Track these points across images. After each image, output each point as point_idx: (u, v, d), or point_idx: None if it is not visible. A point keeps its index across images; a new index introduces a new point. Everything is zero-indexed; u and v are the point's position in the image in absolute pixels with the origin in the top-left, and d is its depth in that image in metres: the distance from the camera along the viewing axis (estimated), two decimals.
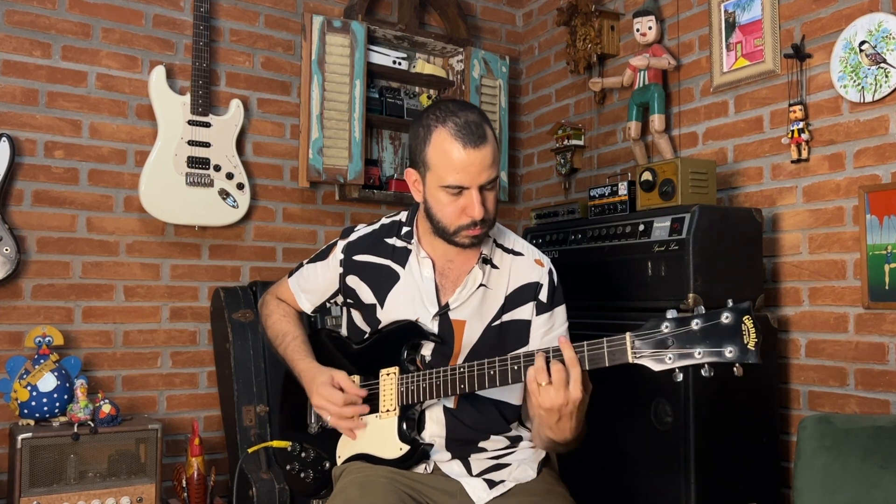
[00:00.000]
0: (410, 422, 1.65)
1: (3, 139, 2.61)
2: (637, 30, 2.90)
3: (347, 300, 1.80)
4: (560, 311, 1.75)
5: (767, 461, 2.35)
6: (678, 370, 1.32)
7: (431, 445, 1.65)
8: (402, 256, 1.73)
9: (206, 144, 2.90)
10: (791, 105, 2.46)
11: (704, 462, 2.16)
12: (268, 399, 2.76)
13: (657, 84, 2.86)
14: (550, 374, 1.41)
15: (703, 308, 1.32)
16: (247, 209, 3.02)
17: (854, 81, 2.31)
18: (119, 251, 2.86)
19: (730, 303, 1.30)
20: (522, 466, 1.69)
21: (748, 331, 1.26)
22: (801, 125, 2.44)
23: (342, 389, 1.66)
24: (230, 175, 2.96)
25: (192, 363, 2.98)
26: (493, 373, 1.50)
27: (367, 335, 1.75)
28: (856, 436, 1.82)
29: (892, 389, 2.22)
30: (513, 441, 1.71)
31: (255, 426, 2.72)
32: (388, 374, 1.66)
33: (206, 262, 3.03)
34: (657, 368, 1.33)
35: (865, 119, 2.31)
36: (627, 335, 1.36)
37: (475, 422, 1.67)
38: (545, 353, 1.44)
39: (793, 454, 2.32)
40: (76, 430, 2.42)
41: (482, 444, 1.69)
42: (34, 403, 2.48)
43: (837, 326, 2.37)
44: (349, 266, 1.77)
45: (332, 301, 1.85)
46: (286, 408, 1.92)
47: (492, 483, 1.64)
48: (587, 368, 1.40)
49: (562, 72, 3.53)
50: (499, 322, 1.70)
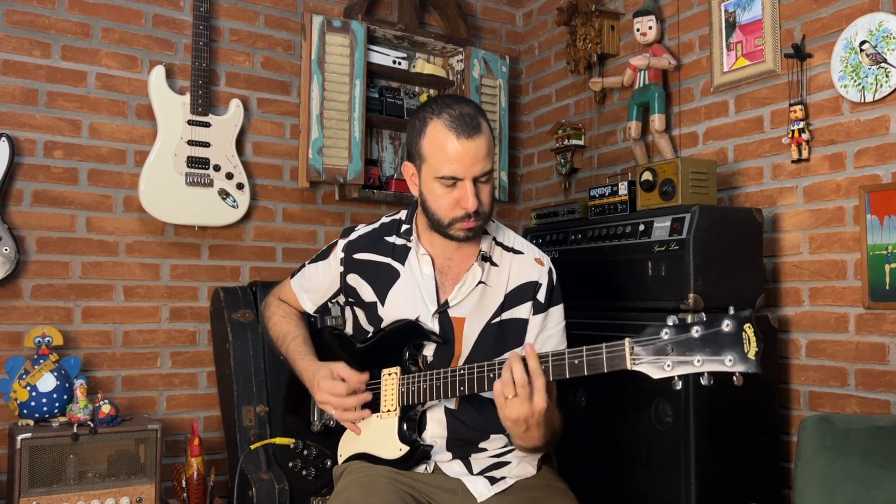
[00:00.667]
0: (411, 422, 1.65)
1: (3, 139, 2.61)
2: (637, 29, 2.90)
3: (349, 299, 1.80)
4: (555, 312, 1.75)
5: (768, 461, 2.35)
6: (677, 378, 1.31)
7: (431, 447, 1.65)
8: (402, 254, 1.74)
9: (206, 144, 2.90)
10: (791, 105, 2.46)
11: (705, 462, 2.16)
12: (268, 399, 2.76)
13: (657, 84, 2.86)
14: (516, 386, 1.40)
15: (704, 314, 1.29)
16: (246, 209, 3.01)
17: (854, 81, 2.31)
18: (119, 251, 2.86)
19: (731, 310, 1.28)
20: (522, 464, 1.70)
21: (749, 339, 1.24)
22: (802, 125, 2.43)
23: (343, 380, 1.66)
24: (230, 175, 2.95)
25: (192, 363, 2.98)
26: (493, 375, 1.50)
27: (370, 334, 1.75)
28: (856, 436, 1.82)
29: (893, 390, 2.22)
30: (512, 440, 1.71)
31: (255, 426, 2.71)
32: (390, 374, 1.66)
33: (206, 262, 3.03)
34: (656, 376, 1.31)
35: (866, 119, 2.31)
36: (626, 341, 1.34)
37: (476, 422, 1.67)
38: (510, 364, 1.43)
39: (793, 454, 2.32)
40: (76, 431, 2.41)
41: (483, 445, 1.69)
42: (34, 404, 2.48)
43: (838, 326, 2.37)
44: (350, 265, 1.77)
45: (334, 301, 1.85)
46: (290, 406, 1.92)
47: (492, 480, 1.65)
48: (585, 374, 1.39)
49: (562, 71, 3.52)
50: (498, 320, 1.70)
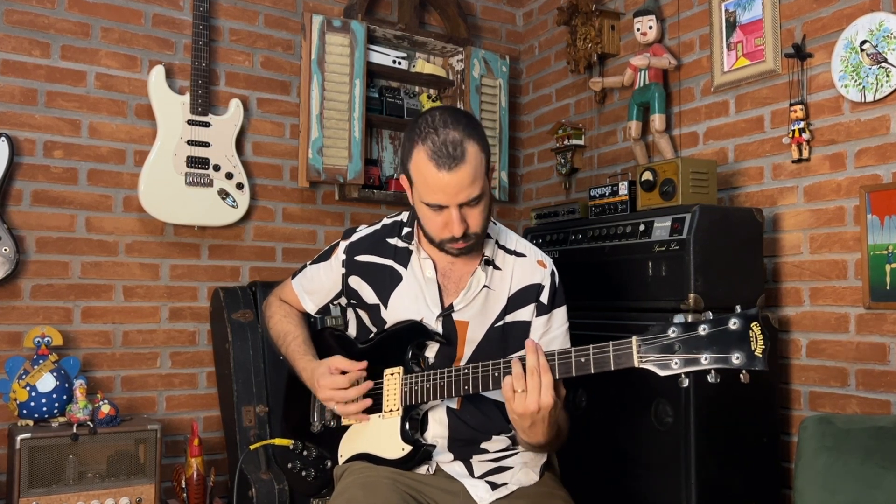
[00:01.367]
0: (413, 422, 1.65)
1: (2, 139, 2.61)
2: (637, 29, 2.89)
3: (351, 301, 1.79)
4: (559, 313, 1.75)
5: (768, 461, 2.35)
6: (684, 376, 1.31)
7: (434, 447, 1.65)
8: (405, 257, 1.73)
9: (206, 144, 2.90)
10: (792, 105, 2.46)
11: (705, 462, 2.15)
12: (267, 399, 2.76)
13: (658, 84, 2.86)
14: (526, 381, 1.42)
15: (711, 313, 1.30)
16: (246, 209, 3.01)
17: (855, 81, 2.31)
18: (118, 251, 2.86)
19: (738, 308, 1.29)
20: (524, 470, 1.69)
21: (756, 337, 1.25)
22: (802, 125, 2.43)
23: (343, 372, 1.65)
24: (230, 175, 2.95)
25: (192, 363, 2.98)
26: (498, 374, 1.50)
27: (373, 335, 1.75)
28: (856, 436, 1.82)
29: (893, 390, 2.22)
30: (514, 441, 1.71)
31: (255, 426, 2.71)
32: (392, 374, 1.66)
33: (206, 262, 3.02)
34: (663, 373, 1.32)
35: (866, 119, 2.31)
36: (634, 339, 1.34)
37: (478, 422, 1.67)
38: (521, 361, 1.45)
39: (793, 454, 2.32)
40: (75, 431, 2.41)
41: (484, 445, 1.68)
42: (33, 404, 2.47)
43: (838, 327, 2.37)
44: (351, 267, 1.77)
45: (336, 302, 1.84)
46: (289, 406, 1.92)
47: (494, 485, 1.64)
48: (592, 372, 1.39)
49: (562, 71, 3.52)
50: (501, 323, 1.70)
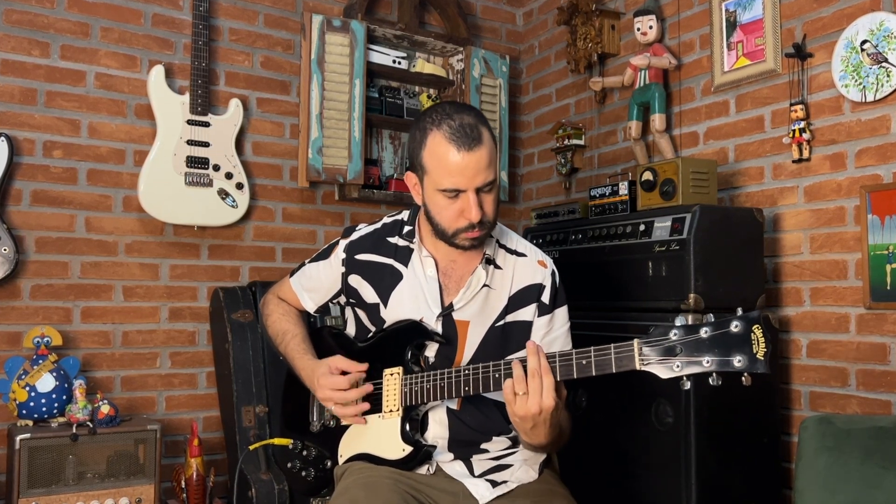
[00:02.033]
0: (413, 423, 1.64)
1: (2, 139, 2.60)
2: (638, 29, 2.89)
3: (350, 300, 1.79)
4: (560, 313, 1.75)
5: (768, 462, 2.35)
6: (686, 378, 1.31)
7: (434, 447, 1.65)
8: (405, 255, 1.73)
9: (206, 144, 2.90)
10: (792, 105, 2.46)
11: (705, 463, 2.15)
12: (267, 399, 2.75)
13: (658, 83, 2.85)
14: (527, 383, 1.41)
15: (713, 315, 1.30)
16: (246, 209, 3.01)
17: (855, 81, 2.30)
18: (118, 251, 2.86)
19: (739, 311, 1.29)
20: (524, 467, 1.69)
21: (757, 340, 1.25)
22: (803, 125, 2.43)
23: (343, 373, 1.65)
24: (229, 175, 2.95)
25: (192, 363, 2.98)
26: (498, 376, 1.49)
27: (371, 334, 1.74)
28: (857, 436, 1.82)
29: (894, 390, 2.22)
30: (514, 441, 1.71)
31: (255, 427, 2.71)
32: (392, 374, 1.65)
33: (206, 262, 3.02)
34: (665, 376, 1.31)
35: (867, 119, 2.30)
36: (635, 341, 1.34)
37: (478, 423, 1.67)
38: (522, 363, 1.44)
39: (794, 455, 2.31)
40: (75, 431, 2.41)
41: (484, 446, 1.68)
42: (33, 404, 2.47)
43: (839, 327, 2.36)
44: (351, 265, 1.76)
45: (335, 301, 1.84)
46: (288, 406, 1.92)
47: (494, 483, 1.64)
48: (594, 374, 1.39)
49: (562, 71, 3.52)
50: (502, 323, 1.69)
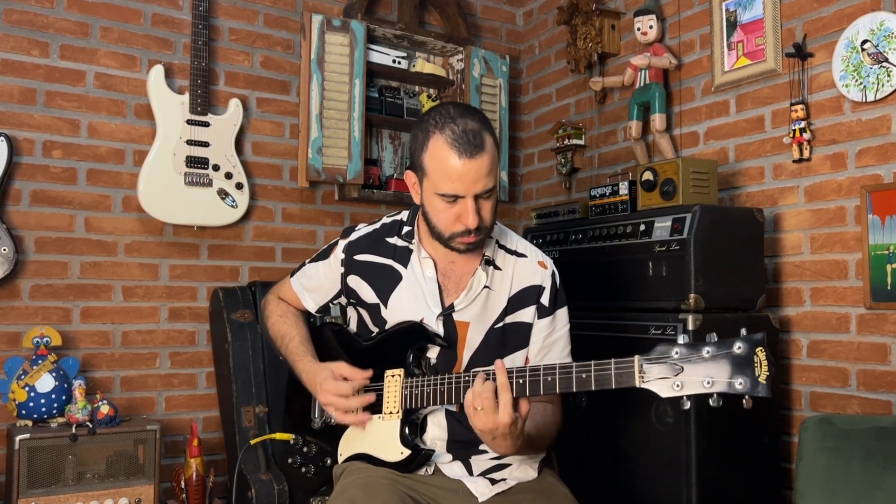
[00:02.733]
0: (413, 426, 1.64)
1: (1, 138, 2.60)
2: (638, 29, 2.89)
3: (350, 300, 1.79)
4: (561, 314, 1.75)
5: (768, 462, 2.34)
6: (686, 398, 1.30)
7: (433, 451, 1.64)
8: (404, 256, 1.73)
9: (205, 144, 2.89)
10: (792, 104, 2.45)
11: (705, 463, 2.15)
12: (267, 399, 2.75)
13: (658, 83, 2.85)
14: (482, 399, 1.41)
15: (717, 335, 1.28)
16: (246, 209, 3.01)
17: (856, 81, 2.30)
18: (117, 251, 2.85)
19: (743, 331, 1.27)
20: (523, 466, 1.69)
21: (760, 363, 1.23)
22: (803, 125, 2.43)
23: (346, 379, 1.65)
24: (229, 175, 2.95)
25: (191, 364, 2.97)
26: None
27: (374, 334, 1.74)
28: (857, 437, 1.82)
29: (894, 390, 2.21)
30: None
31: (255, 427, 2.71)
32: (393, 376, 1.65)
33: (205, 262, 3.02)
34: (665, 395, 1.30)
35: (867, 118, 2.30)
36: (636, 358, 1.33)
37: None
38: (485, 376, 1.44)
39: (794, 455, 2.31)
40: (74, 431, 2.41)
41: (483, 447, 1.67)
42: (32, 404, 2.47)
43: (839, 327, 2.36)
44: (350, 266, 1.76)
45: (336, 302, 1.84)
46: (290, 403, 1.92)
47: (493, 481, 1.64)
48: (593, 389, 1.37)
49: (562, 71, 3.52)
50: (501, 324, 1.69)
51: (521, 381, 1.43)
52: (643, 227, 2.38)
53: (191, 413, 2.95)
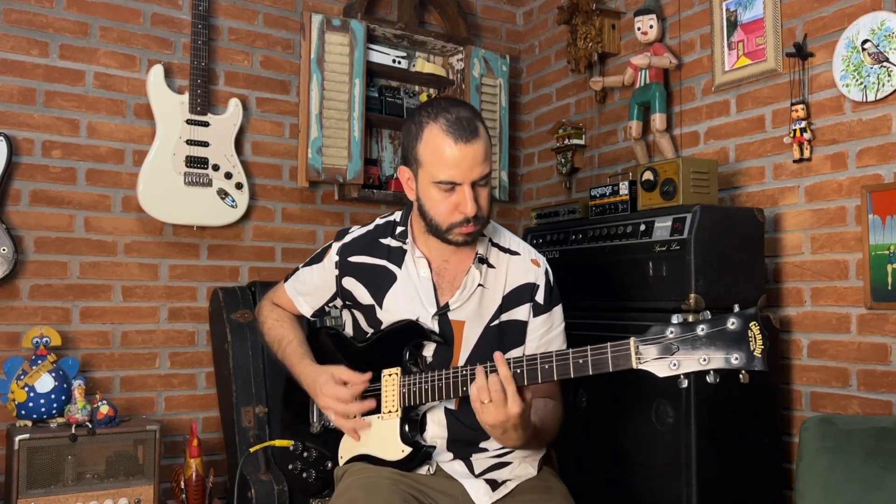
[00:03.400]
0: (413, 423, 1.64)
1: (1, 138, 2.60)
2: (638, 28, 2.89)
3: (346, 302, 1.79)
4: (558, 311, 1.75)
5: (769, 462, 2.34)
6: (683, 376, 1.31)
7: (433, 448, 1.64)
8: (398, 256, 1.73)
9: (205, 144, 2.89)
10: (793, 104, 2.45)
11: (705, 463, 2.15)
12: (267, 400, 2.75)
13: (658, 83, 2.85)
14: (490, 392, 1.41)
15: (710, 313, 1.29)
16: (245, 209, 3.00)
17: (856, 80, 2.30)
18: (117, 251, 2.85)
19: (736, 308, 1.28)
20: (523, 464, 1.69)
21: (755, 337, 1.24)
22: (804, 124, 2.42)
23: (346, 383, 1.65)
24: (229, 175, 2.94)
25: (191, 364, 2.97)
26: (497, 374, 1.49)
27: (369, 335, 1.74)
28: (858, 437, 1.81)
29: (895, 390, 2.21)
30: None
31: (255, 427, 2.70)
32: (391, 375, 1.65)
33: (205, 263, 3.01)
34: (662, 374, 1.31)
35: (868, 118, 2.30)
36: (631, 340, 1.33)
37: (476, 423, 1.65)
38: (485, 369, 1.44)
39: (794, 455, 2.31)
40: (74, 432, 2.40)
41: (483, 444, 1.68)
42: (31, 404, 2.47)
43: (840, 327, 2.36)
44: (345, 268, 1.76)
45: (332, 305, 1.84)
46: (288, 407, 1.91)
47: (494, 485, 1.64)
48: (590, 373, 1.39)
49: (562, 71, 3.51)
50: (497, 322, 1.69)
51: (519, 371, 1.44)
52: (643, 227, 2.38)
53: (190, 413, 2.95)
